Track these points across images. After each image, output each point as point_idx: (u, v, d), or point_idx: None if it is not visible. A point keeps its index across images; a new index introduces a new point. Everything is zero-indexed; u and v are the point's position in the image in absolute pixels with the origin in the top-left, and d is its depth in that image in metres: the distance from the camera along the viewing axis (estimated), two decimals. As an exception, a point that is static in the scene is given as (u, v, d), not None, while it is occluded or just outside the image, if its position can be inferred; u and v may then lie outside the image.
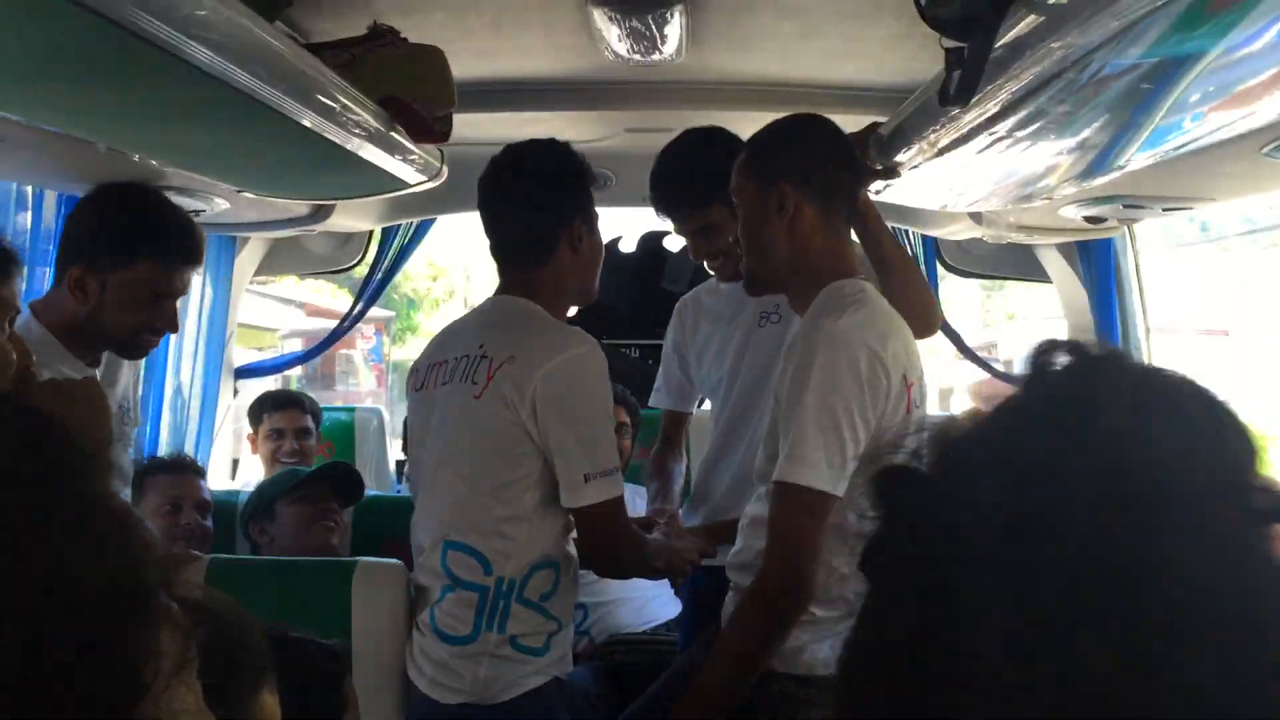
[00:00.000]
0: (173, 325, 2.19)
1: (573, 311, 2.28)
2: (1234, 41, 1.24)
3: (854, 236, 2.18)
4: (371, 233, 3.87)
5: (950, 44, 1.48)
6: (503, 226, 2.15)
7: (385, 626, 2.12)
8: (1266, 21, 1.16)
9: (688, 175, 2.38)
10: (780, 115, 2.88)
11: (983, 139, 1.84)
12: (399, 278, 6.04)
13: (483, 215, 2.18)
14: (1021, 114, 1.63)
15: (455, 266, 17.17)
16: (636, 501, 2.76)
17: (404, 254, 4.02)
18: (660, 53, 2.50)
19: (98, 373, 2.25)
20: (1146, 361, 3.41)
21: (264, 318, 11.11)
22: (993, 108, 1.65)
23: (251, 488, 3.53)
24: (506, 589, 2.00)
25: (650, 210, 2.61)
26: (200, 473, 3.01)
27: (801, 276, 2.00)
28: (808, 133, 2.03)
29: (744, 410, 2.49)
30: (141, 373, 2.75)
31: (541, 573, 2.02)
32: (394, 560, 2.20)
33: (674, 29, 2.36)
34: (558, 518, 2.04)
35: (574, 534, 2.11)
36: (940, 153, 2.00)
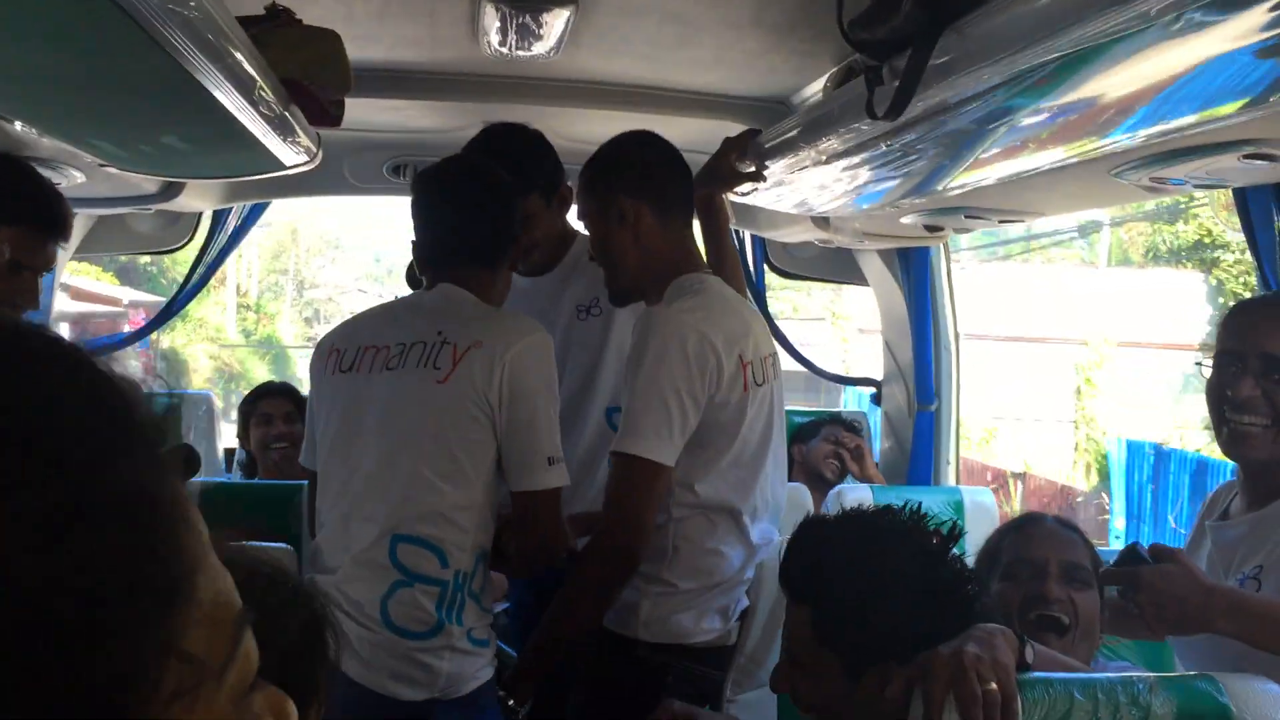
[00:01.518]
0: (34, 302, 2.08)
1: None
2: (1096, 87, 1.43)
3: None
4: (200, 214, 3.75)
5: (871, 63, 1.63)
6: (455, 229, 2.18)
7: None
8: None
9: (511, 163, 2.40)
10: (646, 118, 3.02)
11: (864, 154, 2.00)
12: (167, 262, 5.73)
13: (432, 214, 2.21)
14: (908, 136, 1.80)
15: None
16: None
17: (236, 237, 3.91)
18: (537, 49, 2.57)
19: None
20: (955, 360, 3.73)
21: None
22: (882, 127, 1.81)
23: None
24: (461, 581, 2.03)
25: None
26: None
27: (653, 278, 2.19)
28: (636, 147, 2.25)
29: (579, 402, 2.60)
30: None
31: (481, 565, 2.07)
32: (283, 545, 2.18)
33: (557, 26, 2.43)
34: (493, 509, 2.09)
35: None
36: (820, 163, 2.15)
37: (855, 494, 3.35)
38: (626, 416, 2.05)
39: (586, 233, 2.37)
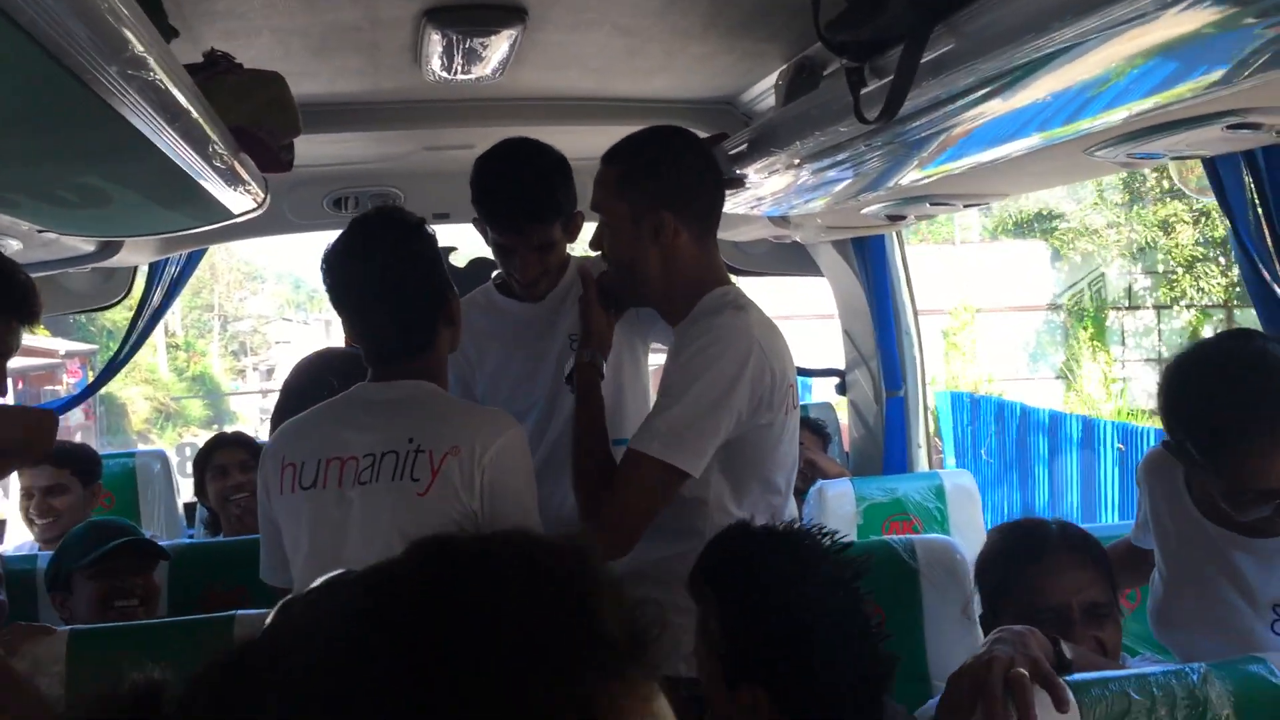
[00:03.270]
0: (3, 388, 1.99)
1: None
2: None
3: None
4: (136, 267, 3.62)
5: (852, 65, 1.59)
6: (384, 320, 2.02)
7: None
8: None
9: (543, 188, 2.33)
10: (592, 129, 2.96)
11: (840, 155, 1.97)
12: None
13: (351, 312, 2.05)
14: (890, 134, 1.76)
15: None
16: None
17: (173, 290, 3.78)
18: (481, 71, 2.50)
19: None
20: (918, 344, 3.73)
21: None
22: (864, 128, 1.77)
23: (27, 550, 3.27)
24: None
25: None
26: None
27: (675, 293, 2.07)
28: (680, 151, 2.07)
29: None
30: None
31: None
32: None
33: (502, 47, 2.36)
34: None
35: None
36: (792, 167, 2.12)
37: (835, 488, 3.34)
38: (665, 419, 1.91)
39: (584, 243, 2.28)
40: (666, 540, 1.97)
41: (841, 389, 4.03)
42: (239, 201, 2.25)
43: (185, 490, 3.92)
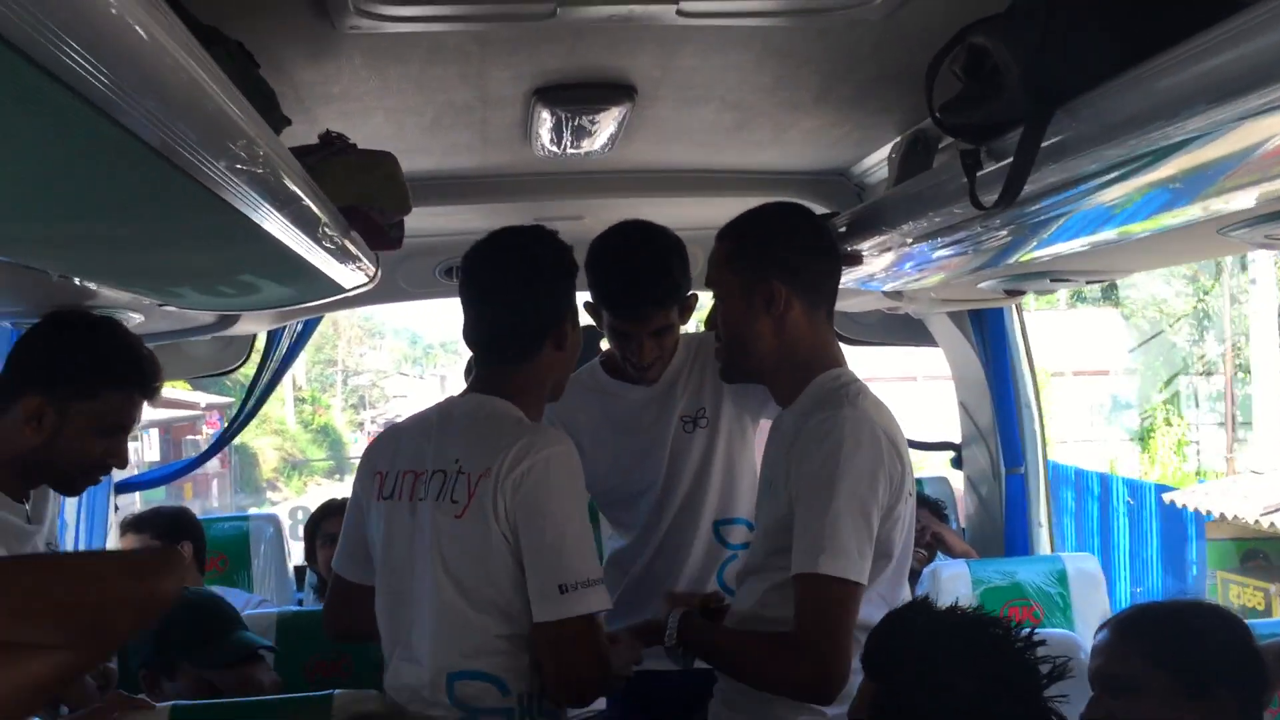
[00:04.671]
0: (123, 460, 2.05)
1: None
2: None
3: None
4: (255, 334, 3.72)
5: (966, 147, 1.53)
6: (488, 320, 2.02)
7: None
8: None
9: (661, 272, 2.31)
10: (701, 201, 2.94)
11: (953, 235, 1.90)
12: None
13: (467, 307, 2.05)
14: (1007, 217, 1.69)
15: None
16: None
17: (292, 352, 3.87)
18: (590, 146, 2.50)
19: (26, 509, 2.07)
20: (1038, 420, 3.59)
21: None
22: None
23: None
24: (528, 704, 1.91)
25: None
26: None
27: (787, 369, 2.00)
28: (794, 225, 2.03)
29: (685, 519, 2.47)
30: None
31: None
32: (371, 691, 2.07)
33: (611, 123, 2.36)
34: None
35: None
36: (903, 245, 2.06)
37: (951, 569, 3.22)
38: (820, 532, 1.80)
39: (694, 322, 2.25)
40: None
41: (957, 463, 3.90)
42: (350, 277, 2.28)
43: (296, 553, 3.98)
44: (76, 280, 1.92)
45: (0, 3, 0.70)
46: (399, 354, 37.25)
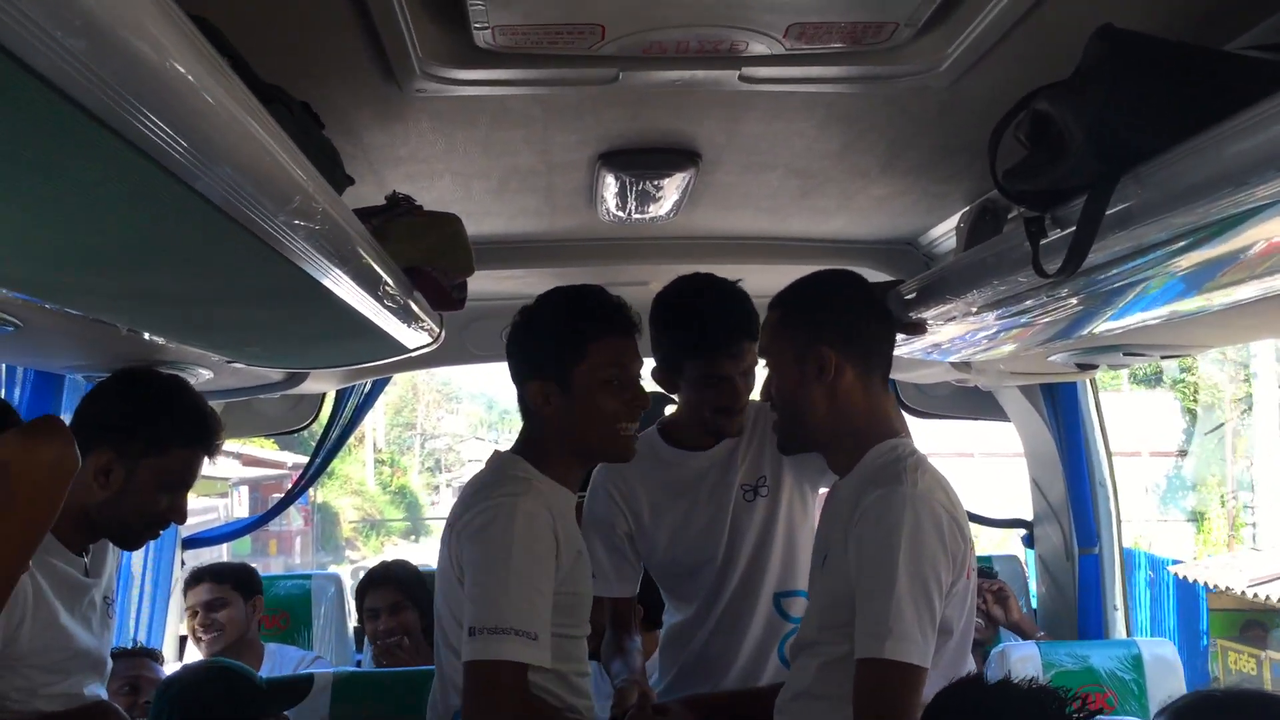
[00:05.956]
0: (182, 516, 2.10)
1: None
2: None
3: None
4: (324, 393, 3.77)
5: (1031, 214, 1.50)
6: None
7: None
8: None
9: (750, 306, 2.31)
10: (766, 268, 2.92)
11: (1019, 305, 1.86)
12: (317, 426, 5.96)
13: None
14: (1073, 286, 1.65)
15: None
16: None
17: (360, 412, 3.91)
18: (655, 211, 2.50)
19: (85, 562, 2.10)
20: (1113, 498, 3.48)
21: (209, 468, 12.20)
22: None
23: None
24: None
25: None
26: (155, 656, 3.03)
27: (842, 437, 1.96)
28: (844, 291, 2.01)
29: (745, 590, 2.42)
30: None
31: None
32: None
33: (676, 189, 2.37)
34: (551, 681, 1.96)
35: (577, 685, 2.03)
36: (969, 315, 2.02)
37: (1021, 651, 3.11)
38: (883, 615, 1.74)
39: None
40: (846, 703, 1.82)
41: (1029, 541, 3.79)
42: (414, 337, 2.30)
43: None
44: (146, 335, 1.96)
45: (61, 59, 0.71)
46: (475, 418, 37.54)
